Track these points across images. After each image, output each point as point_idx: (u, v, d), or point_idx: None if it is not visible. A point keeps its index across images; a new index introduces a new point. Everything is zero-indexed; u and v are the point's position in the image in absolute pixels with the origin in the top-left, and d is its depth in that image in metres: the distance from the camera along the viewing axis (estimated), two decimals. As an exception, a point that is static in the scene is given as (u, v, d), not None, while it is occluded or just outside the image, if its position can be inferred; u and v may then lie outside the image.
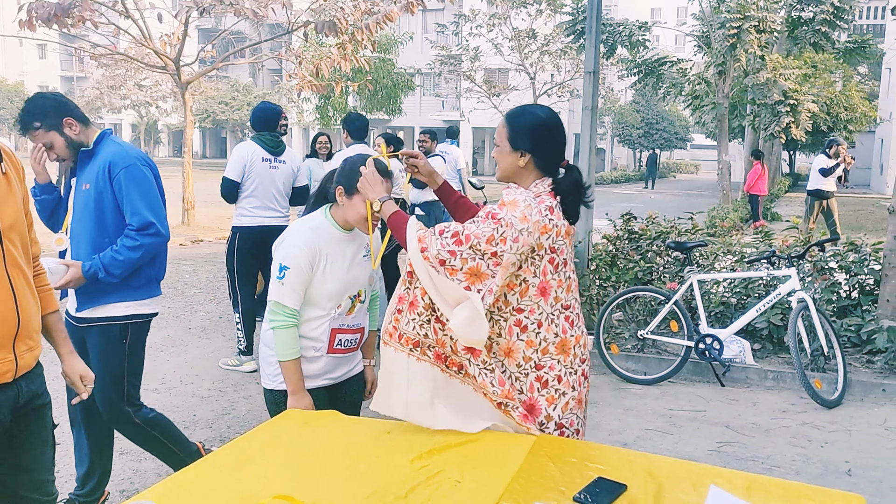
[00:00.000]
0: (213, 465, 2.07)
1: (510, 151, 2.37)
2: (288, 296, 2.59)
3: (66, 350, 2.39)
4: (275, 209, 5.62)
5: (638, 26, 16.93)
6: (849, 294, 6.26)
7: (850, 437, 4.61)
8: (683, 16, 48.30)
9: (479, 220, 2.24)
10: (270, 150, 5.55)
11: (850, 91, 23.95)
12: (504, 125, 2.40)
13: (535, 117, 2.41)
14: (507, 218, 2.21)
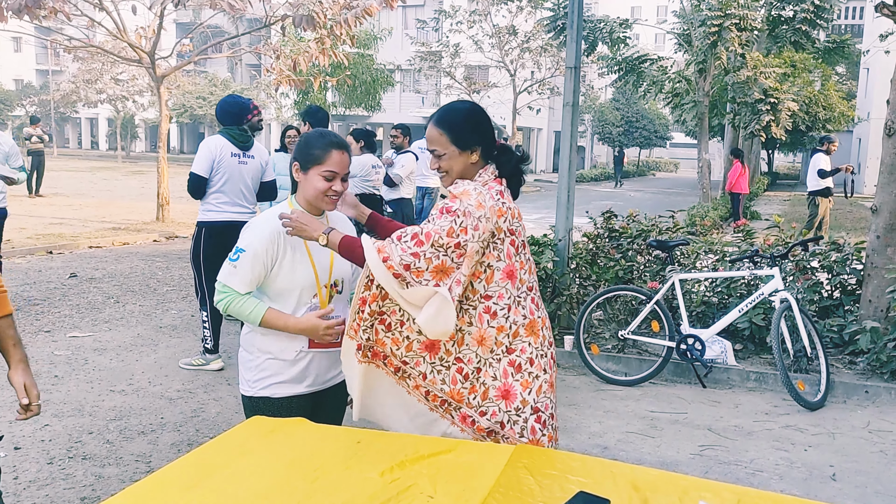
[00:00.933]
0: (170, 478, 1.93)
1: (459, 154, 2.33)
2: (238, 279, 2.48)
3: (17, 358, 2.23)
4: (242, 205, 5.46)
5: (619, 23, 16.90)
6: (830, 294, 6.21)
7: (833, 440, 4.55)
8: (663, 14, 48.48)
9: (435, 217, 2.22)
10: (239, 145, 5.39)
11: (829, 90, 24.12)
12: (440, 132, 2.34)
13: (468, 110, 2.39)
14: (462, 208, 2.20)
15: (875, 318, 5.71)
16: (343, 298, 2.67)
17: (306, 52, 12.78)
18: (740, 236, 6.65)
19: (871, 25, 30.54)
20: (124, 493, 1.84)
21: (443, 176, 2.40)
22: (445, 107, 2.43)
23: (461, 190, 2.27)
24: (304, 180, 2.53)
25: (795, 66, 20.86)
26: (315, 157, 2.49)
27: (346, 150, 2.53)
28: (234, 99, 5.53)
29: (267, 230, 2.51)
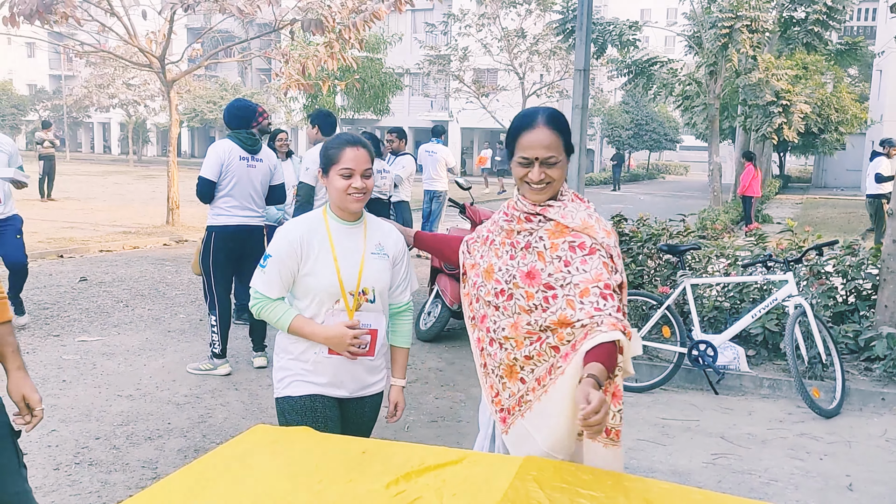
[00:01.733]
0: (172, 488, 1.88)
1: (567, 161, 2.20)
2: (266, 284, 2.51)
3: (14, 366, 2.20)
4: (251, 209, 5.46)
5: (628, 26, 16.79)
6: (845, 299, 6.13)
7: (849, 448, 4.46)
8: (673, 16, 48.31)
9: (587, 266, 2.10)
10: (248, 149, 5.39)
11: (841, 92, 23.94)
12: (557, 136, 2.15)
13: (561, 114, 2.23)
14: (601, 243, 2.13)
15: (891, 323, 5.62)
16: (375, 308, 2.58)
17: (315, 56, 12.78)
18: (752, 240, 6.58)
19: (885, 27, 30.33)
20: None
21: (544, 187, 2.17)
22: (545, 109, 2.22)
23: (580, 224, 2.15)
24: (327, 184, 2.54)
25: (807, 68, 20.75)
26: (331, 157, 2.51)
27: (362, 146, 2.52)
28: (241, 103, 5.52)
29: (292, 235, 2.51)
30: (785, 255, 5.79)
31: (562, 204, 2.21)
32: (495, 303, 2.26)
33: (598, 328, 2.01)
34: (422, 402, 5.09)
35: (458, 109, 33.56)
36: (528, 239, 2.22)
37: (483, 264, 2.33)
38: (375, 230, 2.62)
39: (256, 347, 5.75)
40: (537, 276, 2.17)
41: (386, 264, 2.60)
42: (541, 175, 2.14)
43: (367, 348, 2.57)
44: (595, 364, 1.97)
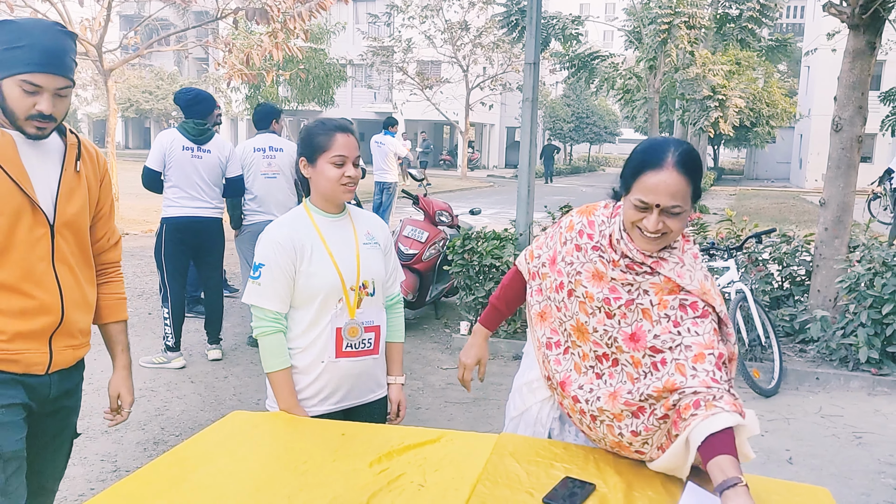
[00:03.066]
0: (155, 474, 1.91)
1: (690, 211, 1.87)
2: (267, 297, 2.29)
3: (121, 364, 2.34)
4: (202, 199, 5.37)
5: (571, 20, 17.08)
6: (781, 285, 6.43)
7: (788, 425, 4.71)
8: (612, 11, 49.22)
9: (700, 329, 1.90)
10: (192, 139, 5.29)
11: (772, 88, 24.80)
12: (685, 181, 1.81)
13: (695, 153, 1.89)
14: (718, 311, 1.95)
15: (824, 307, 5.92)
16: (376, 302, 2.43)
17: (259, 46, 12.63)
18: (694, 230, 6.83)
19: (812, 24, 31.52)
20: (112, 489, 1.82)
21: (658, 238, 1.87)
22: (683, 146, 1.85)
23: (699, 287, 1.92)
24: (314, 174, 2.33)
25: (740, 64, 21.42)
26: (320, 144, 2.31)
27: (351, 132, 2.35)
28: (203, 94, 5.44)
29: (280, 236, 2.31)
30: (726, 243, 6.04)
31: (678, 260, 1.93)
32: (598, 369, 2.04)
33: (715, 403, 1.79)
34: (379, 391, 5.15)
35: (401, 101, 33.51)
36: (629, 296, 1.95)
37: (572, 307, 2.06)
38: (361, 220, 2.47)
39: (211, 340, 5.72)
40: (642, 338, 1.93)
41: (379, 254, 2.45)
42: (658, 224, 1.83)
43: (372, 346, 2.43)
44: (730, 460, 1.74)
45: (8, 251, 1.95)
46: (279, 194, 5.89)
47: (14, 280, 1.96)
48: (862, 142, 5.97)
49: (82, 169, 2.11)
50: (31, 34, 1.91)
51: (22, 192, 1.95)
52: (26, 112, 1.92)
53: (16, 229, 1.95)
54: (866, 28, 5.77)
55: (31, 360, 2.02)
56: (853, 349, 5.44)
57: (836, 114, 5.97)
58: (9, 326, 1.97)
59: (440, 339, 6.48)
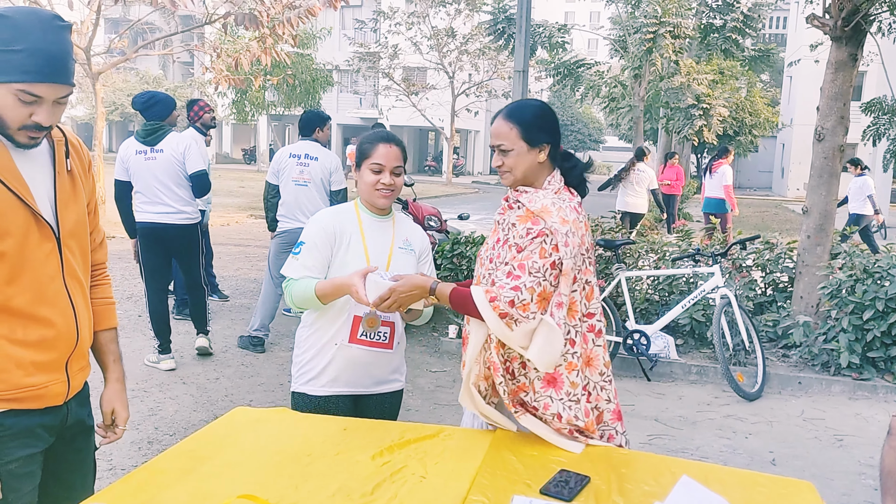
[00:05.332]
0: (165, 466, 1.96)
1: (528, 150, 2.22)
2: (299, 270, 2.49)
3: (114, 376, 2.08)
4: (162, 203, 5.25)
5: (557, 28, 17.23)
6: (764, 291, 6.55)
7: (771, 428, 4.82)
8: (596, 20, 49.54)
9: (523, 244, 2.13)
10: (143, 141, 5.18)
11: (755, 97, 25.08)
12: (510, 125, 2.22)
13: (539, 106, 2.30)
14: (547, 227, 2.11)
15: (806, 313, 6.04)
16: None
17: (248, 51, 12.65)
18: (679, 236, 6.94)
19: (794, 35, 31.93)
20: (125, 480, 1.87)
21: (505, 174, 2.27)
22: (516, 102, 2.35)
23: (539, 206, 2.16)
24: (358, 177, 2.57)
25: (723, 73, 21.66)
26: (364, 152, 2.54)
27: (395, 143, 2.53)
28: (158, 95, 5.32)
29: (326, 223, 2.53)
30: (711, 249, 6.15)
31: (533, 191, 2.24)
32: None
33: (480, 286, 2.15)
34: (370, 393, 5.20)
35: (387, 107, 33.60)
36: (504, 235, 2.24)
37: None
38: (402, 226, 2.66)
39: (199, 331, 5.75)
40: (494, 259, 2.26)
41: (412, 259, 2.61)
42: (497, 161, 2.28)
43: (387, 340, 2.55)
44: (448, 285, 2.22)
45: (20, 274, 1.75)
46: (308, 203, 5.77)
47: (28, 305, 1.76)
48: (844, 151, 6.10)
49: (73, 167, 1.90)
50: (30, 35, 1.65)
51: (26, 206, 1.74)
52: (20, 123, 1.69)
53: (25, 248, 1.75)
54: (848, 40, 5.91)
55: (52, 392, 1.84)
56: (835, 354, 5.56)
57: (819, 124, 6.10)
58: (29, 358, 1.77)
59: (429, 343, 6.54)
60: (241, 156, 47.01)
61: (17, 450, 1.79)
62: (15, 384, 1.76)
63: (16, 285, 1.74)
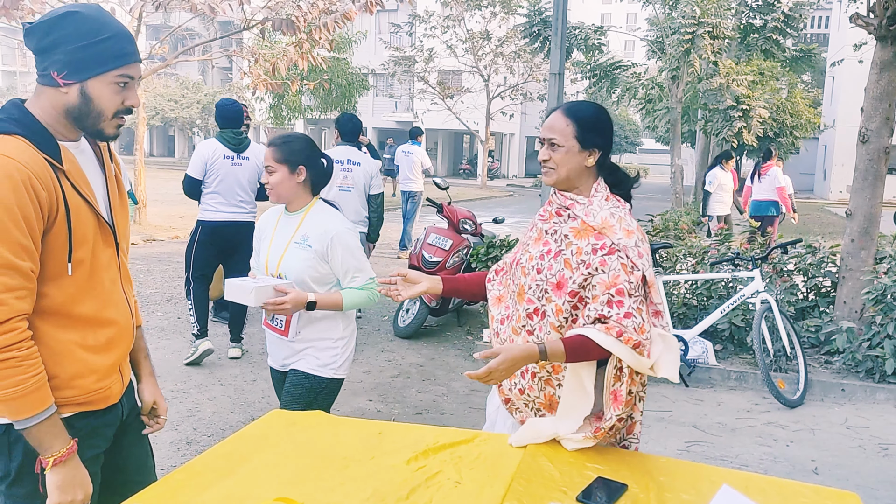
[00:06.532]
0: (202, 468, 1.98)
1: (579, 151, 2.16)
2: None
3: (147, 371, 2.15)
4: (238, 205, 5.63)
5: (594, 30, 17.12)
6: (806, 296, 6.41)
7: (814, 436, 4.71)
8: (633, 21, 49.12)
9: (593, 262, 2.08)
10: (232, 148, 5.56)
11: (796, 98, 24.63)
12: (567, 121, 2.16)
13: (600, 109, 2.25)
14: (615, 244, 2.08)
15: (850, 318, 5.91)
16: None
17: (285, 56, 12.78)
18: (718, 240, 6.84)
19: (837, 35, 31.30)
20: (163, 482, 1.89)
21: (549, 170, 2.20)
22: (575, 101, 2.28)
23: (600, 221, 2.12)
24: None
25: (764, 74, 21.31)
26: None
27: (273, 146, 2.84)
28: (227, 102, 5.69)
29: (259, 221, 3.04)
30: (751, 253, 6.04)
31: (587, 202, 2.18)
32: (529, 326, 2.20)
33: (593, 326, 2.04)
34: (405, 396, 5.21)
35: (422, 110, 33.68)
36: (557, 247, 2.17)
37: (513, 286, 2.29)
38: (310, 223, 2.83)
39: (233, 339, 5.92)
40: (565, 285, 2.12)
41: (307, 255, 2.78)
42: (545, 155, 2.19)
43: (283, 327, 2.88)
44: (558, 342, 2.04)
45: (91, 281, 1.80)
46: (349, 208, 5.89)
47: (97, 310, 1.82)
48: (889, 153, 5.96)
49: (115, 169, 1.95)
50: (109, 23, 1.71)
51: (95, 213, 1.79)
52: (115, 109, 1.74)
53: (95, 254, 1.80)
54: (894, 39, 5.77)
55: (113, 392, 1.91)
56: (879, 361, 5.42)
57: (863, 125, 5.97)
58: (99, 363, 1.84)
59: (463, 346, 6.53)
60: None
61: (85, 451, 1.83)
62: (87, 388, 1.82)
63: (88, 291, 1.79)
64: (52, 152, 1.69)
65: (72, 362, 1.77)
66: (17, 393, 1.64)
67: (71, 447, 1.75)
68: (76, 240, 1.73)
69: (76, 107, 1.71)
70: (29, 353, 1.66)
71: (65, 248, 1.71)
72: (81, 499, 1.77)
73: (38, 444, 1.71)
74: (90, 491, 1.80)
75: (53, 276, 1.72)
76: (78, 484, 1.77)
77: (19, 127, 1.67)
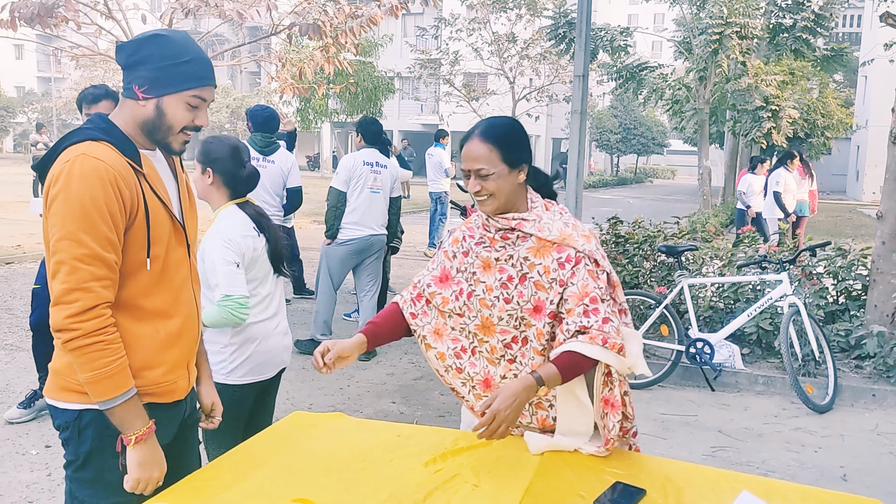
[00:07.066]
0: (224, 467, 2.02)
1: (509, 173, 2.08)
2: None
3: (206, 374, 2.28)
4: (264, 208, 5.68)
5: (620, 31, 17.02)
6: (836, 299, 6.31)
7: (843, 442, 4.64)
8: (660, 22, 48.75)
9: (564, 276, 2.05)
10: (259, 150, 5.67)
11: (827, 98, 24.24)
12: (489, 147, 2.06)
13: (515, 124, 2.17)
14: (579, 252, 2.06)
15: (881, 322, 5.80)
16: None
17: (311, 61, 12.88)
18: (746, 242, 6.76)
19: (870, 33, 30.78)
20: (186, 481, 1.93)
21: (485, 199, 2.10)
22: (487, 120, 2.16)
23: (557, 234, 2.08)
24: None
25: (794, 74, 21.01)
26: None
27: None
28: (267, 111, 5.88)
29: None
30: (779, 256, 5.97)
31: (535, 217, 2.12)
32: (509, 355, 2.16)
33: (576, 339, 2.01)
34: (428, 399, 5.22)
35: (448, 113, 33.70)
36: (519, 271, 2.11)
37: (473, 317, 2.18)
38: (215, 225, 2.88)
39: None
40: (543, 308, 2.08)
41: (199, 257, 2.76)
42: (476, 186, 2.10)
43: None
44: (549, 365, 2.00)
45: (163, 277, 1.93)
46: (378, 210, 5.93)
47: (167, 306, 1.95)
48: (921, 154, 5.84)
49: (185, 178, 2.13)
50: (191, 47, 1.88)
51: (170, 214, 1.94)
52: (183, 125, 1.90)
53: (168, 253, 1.94)
54: (925, 38, 5.67)
55: (179, 387, 2.02)
56: (911, 365, 5.32)
57: (894, 125, 5.86)
58: (168, 356, 1.96)
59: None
60: (305, 162, 47.89)
61: None
62: (154, 380, 1.93)
63: (161, 286, 1.93)
64: (133, 157, 1.87)
65: (142, 353, 1.90)
66: (104, 374, 1.78)
67: (150, 426, 1.88)
68: (153, 237, 1.88)
69: (151, 119, 1.88)
70: (113, 338, 1.81)
71: (144, 244, 1.86)
72: (157, 476, 1.90)
73: (121, 424, 1.84)
74: (165, 470, 1.92)
75: (132, 270, 1.87)
76: (156, 462, 1.89)
77: (106, 134, 1.85)
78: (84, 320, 1.75)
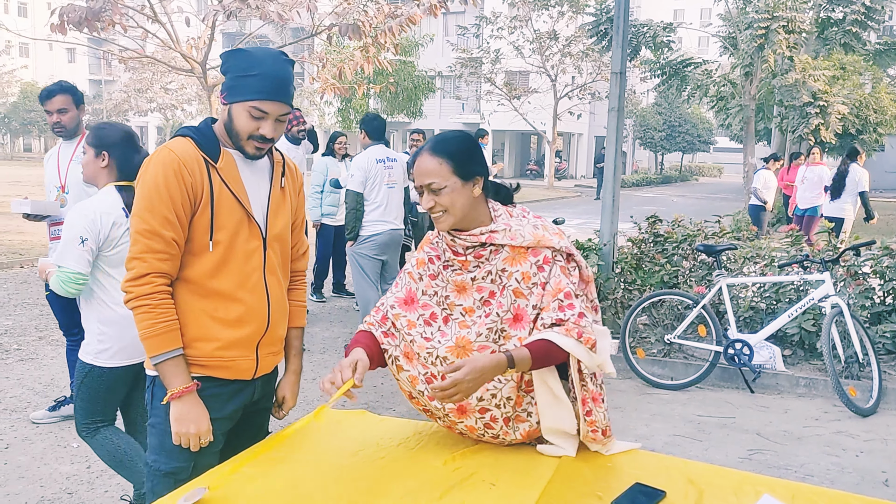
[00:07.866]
0: (246, 464, 2.05)
1: (462, 186, 2.03)
2: None
3: (292, 368, 2.41)
4: None
5: (662, 27, 16.78)
6: (883, 300, 6.13)
7: (886, 446, 4.51)
8: (707, 17, 47.93)
9: (545, 278, 2.03)
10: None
11: (880, 93, 23.56)
12: (440, 160, 2.02)
13: (465, 136, 2.12)
14: (560, 247, 2.05)
15: (929, 323, 5.62)
16: None
17: (351, 61, 12.98)
18: (788, 241, 6.60)
19: (924, 26, 29.80)
20: (225, 465, 2.00)
21: (441, 215, 2.05)
22: (437, 136, 2.13)
23: (530, 238, 2.04)
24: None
25: (845, 69, 20.46)
26: None
27: None
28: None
29: None
30: (822, 255, 5.83)
31: (504, 226, 2.07)
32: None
33: (552, 330, 1.99)
34: (461, 397, 5.23)
35: (489, 112, 33.68)
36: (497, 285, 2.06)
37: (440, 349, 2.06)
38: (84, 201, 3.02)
39: None
40: (524, 315, 2.04)
41: None
42: (430, 202, 2.04)
43: None
44: (523, 349, 1.95)
45: (228, 262, 2.10)
46: (395, 204, 6.00)
47: (231, 289, 2.11)
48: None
49: (286, 185, 2.26)
50: (263, 63, 2.04)
51: (242, 207, 2.12)
52: (249, 133, 2.08)
53: (235, 241, 2.11)
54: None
55: (240, 366, 2.16)
56: (960, 368, 5.14)
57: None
58: (224, 334, 2.11)
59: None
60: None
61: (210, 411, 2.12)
62: (207, 353, 2.11)
63: (224, 271, 2.11)
64: (210, 153, 2.09)
65: (197, 327, 2.10)
66: (150, 333, 2.03)
67: (188, 387, 2.06)
68: (218, 224, 2.08)
69: (226, 123, 2.11)
70: (161, 302, 2.04)
71: (208, 229, 2.07)
72: (195, 431, 2.07)
73: (164, 379, 2.06)
74: (204, 427, 2.09)
75: (198, 250, 2.08)
76: (192, 419, 2.07)
77: (194, 132, 2.11)
78: (136, 285, 2.02)
